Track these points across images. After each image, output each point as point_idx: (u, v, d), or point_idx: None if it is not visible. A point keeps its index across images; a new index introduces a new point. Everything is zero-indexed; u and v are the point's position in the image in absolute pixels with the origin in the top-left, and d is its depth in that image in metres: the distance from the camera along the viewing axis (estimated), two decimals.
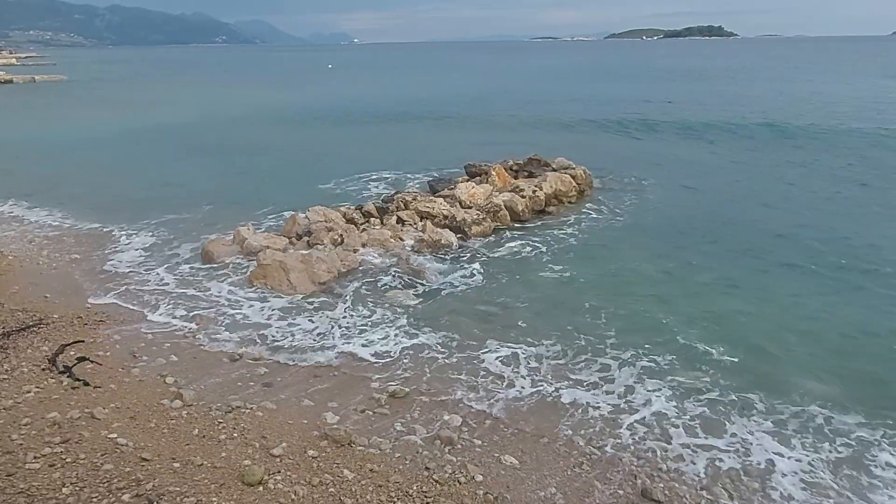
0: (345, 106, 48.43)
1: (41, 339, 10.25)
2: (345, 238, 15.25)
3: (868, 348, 10.68)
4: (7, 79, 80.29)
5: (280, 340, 10.96)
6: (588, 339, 10.98)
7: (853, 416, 8.73)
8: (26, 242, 16.07)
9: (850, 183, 22.05)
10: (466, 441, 8.10)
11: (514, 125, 37.42)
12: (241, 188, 22.37)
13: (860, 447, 8.12)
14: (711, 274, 13.86)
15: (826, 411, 8.84)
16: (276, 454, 7.47)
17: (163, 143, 32.64)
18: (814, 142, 29.23)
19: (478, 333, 11.22)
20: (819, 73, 78.85)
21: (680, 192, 21.24)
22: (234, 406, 8.55)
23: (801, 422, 8.64)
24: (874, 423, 8.56)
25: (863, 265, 14.16)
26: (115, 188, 22.37)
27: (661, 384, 9.57)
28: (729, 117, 36.41)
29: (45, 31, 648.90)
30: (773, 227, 17.15)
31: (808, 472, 7.69)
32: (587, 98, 51.94)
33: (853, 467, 7.78)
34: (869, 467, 7.78)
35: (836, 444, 8.18)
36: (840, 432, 8.41)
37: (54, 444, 7.26)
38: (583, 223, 17.65)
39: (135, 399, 8.60)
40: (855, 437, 8.31)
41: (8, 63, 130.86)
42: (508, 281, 13.60)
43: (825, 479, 7.56)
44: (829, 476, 7.62)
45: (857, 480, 7.55)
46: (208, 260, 14.49)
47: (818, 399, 9.12)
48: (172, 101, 57.52)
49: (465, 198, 18.03)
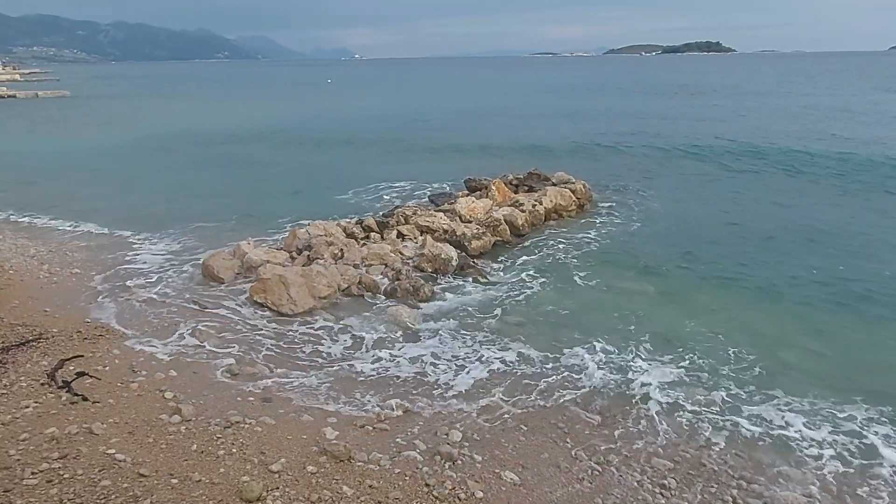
0: (342, 120, 48.69)
1: (40, 354, 10.22)
2: (345, 252, 15.26)
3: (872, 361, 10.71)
4: (9, 94, 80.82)
5: (280, 355, 10.93)
6: (591, 352, 10.96)
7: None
8: (27, 257, 16.08)
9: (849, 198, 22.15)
10: (467, 457, 8.04)
11: (512, 140, 37.59)
12: (245, 202, 22.35)
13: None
14: (712, 289, 13.89)
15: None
16: (275, 470, 7.42)
17: (168, 157, 32.80)
18: (808, 156, 29.34)
19: (478, 345, 11.21)
20: (819, 88, 79.37)
21: (677, 205, 21.30)
22: (233, 421, 8.51)
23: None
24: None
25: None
26: (120, 202, 22.40)
27: (665, 401, 9.54)
28: (723, 133, 36.64)
29: (48, 48, 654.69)
30: (774, 237, 17.28)
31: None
32: (585, 113, 52.24)
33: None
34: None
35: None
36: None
37: (52, 460, 7.22)
38: (583, 235, 17.68)
39: (133, 414, 8.56)
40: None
41: (11, 79, 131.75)
42: (506, 296, 13.61)
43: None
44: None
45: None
46: (209, 274, 14.49)
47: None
48: (176, 115, 57.83)
49: (465, 212, 18.08)
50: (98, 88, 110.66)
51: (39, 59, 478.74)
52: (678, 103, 61.66)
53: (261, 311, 12.73)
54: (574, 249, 16.62)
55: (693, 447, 8.45)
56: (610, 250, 16.58)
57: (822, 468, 8.05)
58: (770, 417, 9.09)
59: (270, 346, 11.29)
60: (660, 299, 13.42)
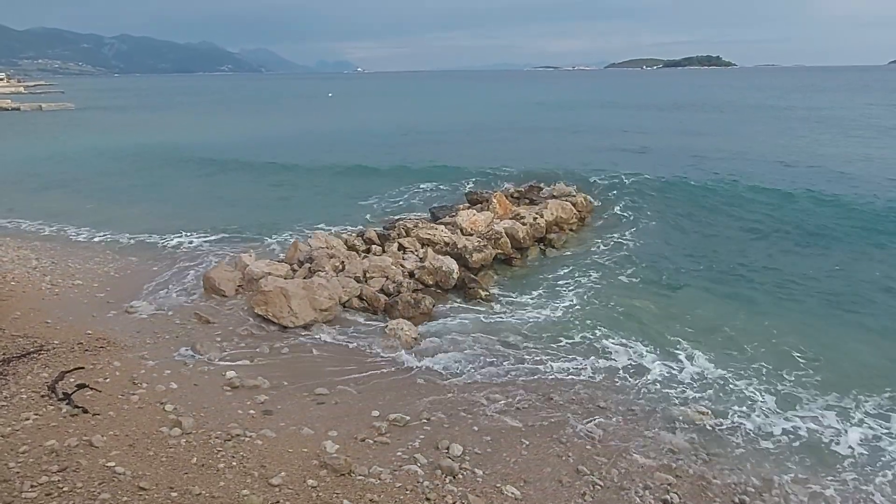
0: (341, 133, 48.91)
1: (41, 366, 10.21)
2: (346, 265, 15.28)
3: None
4: (14, 106, 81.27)
5: (281, 368, 10.90)
6: (593, 367, 10.94)
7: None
8: (29, 268, 16.10)
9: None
10: (468, 471, 8.00)
11: (515, 151, 37.69)
12: (246, 215, 22.45)
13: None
14: (716, 301, 13.91)
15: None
16: (276, 483, 7.38)
17: (170, 170, 32.83)
18: (804, 170, 29.39)
19: (479, 358, 11.19)
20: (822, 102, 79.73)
21: (677, 218, 21.29)
22: (234, 434, 8.48)
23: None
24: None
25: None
26: (122, 214, 22.51)
27: (668, 415, 9.50)
28: (728, 146, 36.72)
29: (53, 60, 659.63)
30: (773, 248, 17.36)
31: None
32: (588, 126, 52.45)
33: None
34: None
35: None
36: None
37: (51, 473, 7.19)
38: (585, 248, 17.72)
39: (134, 427, 8.54)
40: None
41: (16, 91, 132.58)
42: (507, 311, 13.60)
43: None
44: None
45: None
46: (210, 287, 14.50)
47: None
48: (182, 127, 58.10)
49: (467, 225, 18.12)
50: (102, 100, 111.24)
51: (44, 72, 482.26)
52: (678, 117, 61.88)
53: (262, 323, 12.73)
54: (575, 263, 16.62)
55: (695, 463, 8.40)
56: (612, 264, 16.58)
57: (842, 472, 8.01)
58: (774, 431, 9.04)
59: (271, 358, 11.27)
60: (662, 314, 13.41)
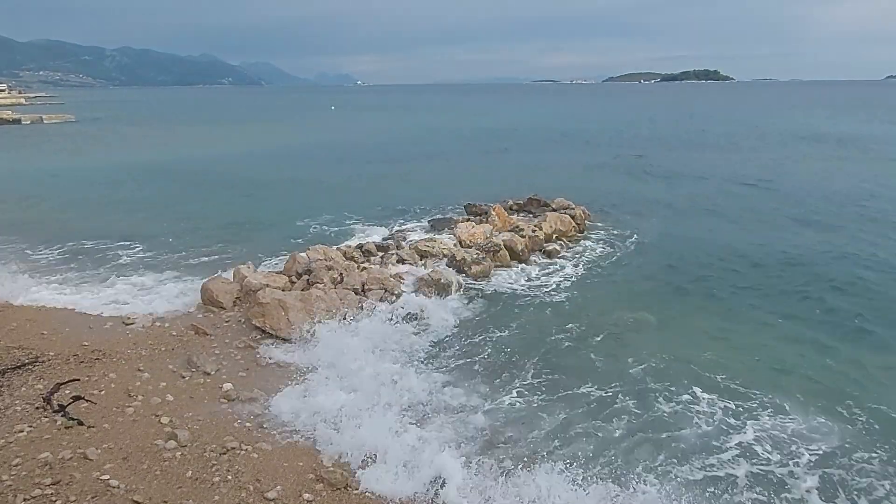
0: (343, 145, 49.16)
1: (36, 378, 10.15)
2: (344, 277, 15.24)
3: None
4: (14, 118, 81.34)
5: (278, 380, 10.82)
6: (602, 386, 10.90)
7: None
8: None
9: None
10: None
11: (513, 165, 37.89)
12: (244, 226, 22.45)
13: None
14: (713, 316, 13.90)
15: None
16: (271, 497, 7.31)
17: (169, 182, 32.94)
18: (803, 182, 29.55)
19: (480, 370, 11.14)
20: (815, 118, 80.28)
21: (674, 231, 21.36)
22: (229, 447, 8.40)
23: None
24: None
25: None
26: (119, 225, 22.45)
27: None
28: (720, 159, 36.94)
29: (54, 72, 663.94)
30: (772, 258, 17.41)
31: None
32: (586, 139, 52.77)
33: None
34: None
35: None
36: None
37: (44, 486, 7.12)
38: (581, 260, 17.70)
39: (128, 439, 8.46)
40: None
41: (16, 102, 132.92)
42: (508, 321, 13.59)
43: None
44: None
45: None
46: (208, 298, 14.44)
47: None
48: (183, 140, 58.34)
49: (465, 237, 18.13)
50: (102, 112, 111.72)
51: (46, 84, 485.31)
52: (675, 131, 62.26)
53: (259, 335, 12.66)
54: (571, 277, 16.61)
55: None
56: (607, 277, 16.59)
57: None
58: (773, 458, 8.99)
59: (268, 370, 11.20)
60: (660, 327, 13.35)
